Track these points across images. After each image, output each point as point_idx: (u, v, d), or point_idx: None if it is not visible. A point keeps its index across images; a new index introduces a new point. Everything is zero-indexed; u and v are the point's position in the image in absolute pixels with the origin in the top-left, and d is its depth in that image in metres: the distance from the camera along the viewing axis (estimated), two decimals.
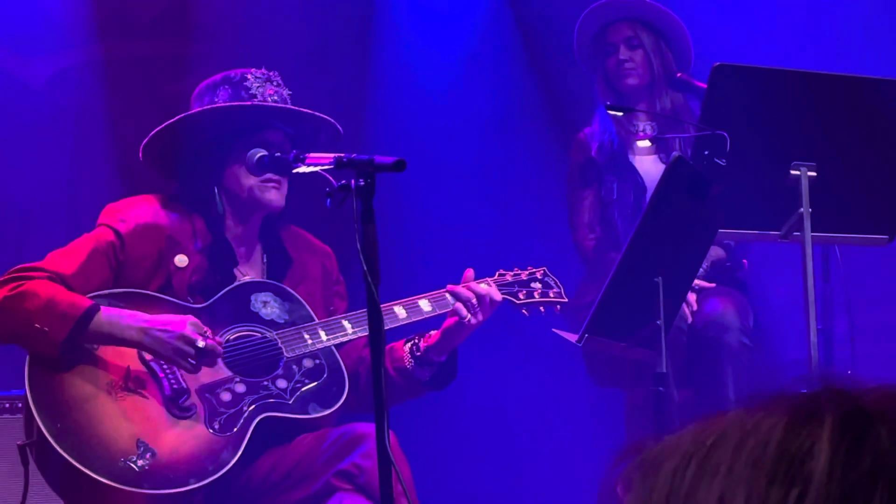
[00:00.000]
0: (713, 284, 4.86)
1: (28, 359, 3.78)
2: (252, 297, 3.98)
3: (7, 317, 3.75)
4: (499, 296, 4.04)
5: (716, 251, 4.88)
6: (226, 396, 3.86)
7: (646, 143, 5.05)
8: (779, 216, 3.90)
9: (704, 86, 4.13)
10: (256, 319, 3.95)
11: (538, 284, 4.23)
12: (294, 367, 3.93)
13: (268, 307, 3.98)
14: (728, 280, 4.95)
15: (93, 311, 3.74)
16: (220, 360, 3.86)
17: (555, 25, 5.84)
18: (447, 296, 4.00)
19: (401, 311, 3.99)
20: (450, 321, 3.98)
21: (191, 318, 3.81)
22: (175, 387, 3.82)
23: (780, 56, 5.36)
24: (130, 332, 3.77)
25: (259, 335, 3.95)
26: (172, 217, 3.99)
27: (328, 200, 3.34)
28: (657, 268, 3.72)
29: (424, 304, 4.02)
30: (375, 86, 5.93)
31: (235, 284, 3.99)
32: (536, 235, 5.65)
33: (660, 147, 5.05)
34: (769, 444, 0.89)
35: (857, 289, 4.87)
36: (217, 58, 4.30)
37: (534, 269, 4.25)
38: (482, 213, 5.90)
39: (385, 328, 3.68)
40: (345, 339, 3.98)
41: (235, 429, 3.82)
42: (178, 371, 3.83)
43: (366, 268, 3.23)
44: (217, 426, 3.81)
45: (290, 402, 3.88)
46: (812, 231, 3.85)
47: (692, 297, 4.75)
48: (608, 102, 4.77)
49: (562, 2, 5.76)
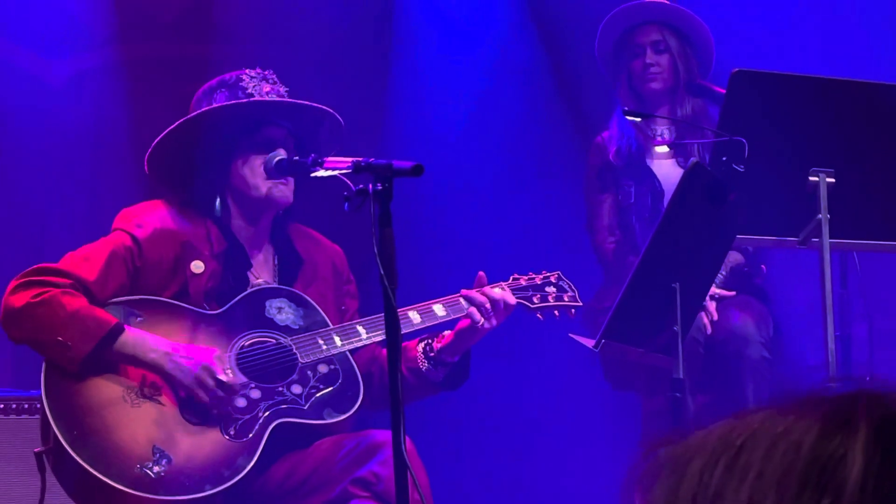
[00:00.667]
0: (733, 293, 4.84)
1: (44, 365, 3.77)
2: (267, 304, 3.98)
3: (29, 323, 3.74)
4: (513, 300, 4.04)
5: (734, 257, 4.86)
6: (241, 402, 3.85)
7: (664, 149, 5.03)
8: (797, 222, 3.89)
9: (723, 91, 4.12)
10: (271, 325, 3.95)
11: (552, 288, 4.21)
12: (309, 373, 3.92)
13: (282, 313, 3.98)
14: (746, 286, 4.92)
15: (118, 331, 3.74)
16: (236, 366, 3.86)
17: (574, 30, 5.82)
18: (461, 300, 4.00)
19: (415, 316, 3.99)
20: (463, 323, 3.98)
21: (216, 352, 3.82)
22: (189, 396, 3.82)
23: (799, 62, 5.34)
24: (153, 356, 3.77)
25: (274, 341, 3.94)
26: (187, 222, 3.99)
27: (346, 204, 3.33)
28: (675, 273, 3.71)
29: (439, 309, 4.01)
30: (394, 90, 5.92)
31: (250, 291, 3.99)
32: (551, 240, 5.64)
33: (678, 152, 5.03)
34: (801, 450, 0.87)
35: (875, 295, 4.86)
36: (237, 60, 4.29)
37: (548, 274, 4.24)
38: (497, 218, 5.90)
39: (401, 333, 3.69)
40: (359, 345, 3.97)
41: (251, 435, 3.82)
42: None
43: (383, 271, 3.23)
44: (232, 432, 3.81)
45: (306, 408, 3.88)
46: (830, 237, 3.83)
47: (712, 306, 4.73)
48: (626, 108, 4.75)
49: (582, 7, 5.75)
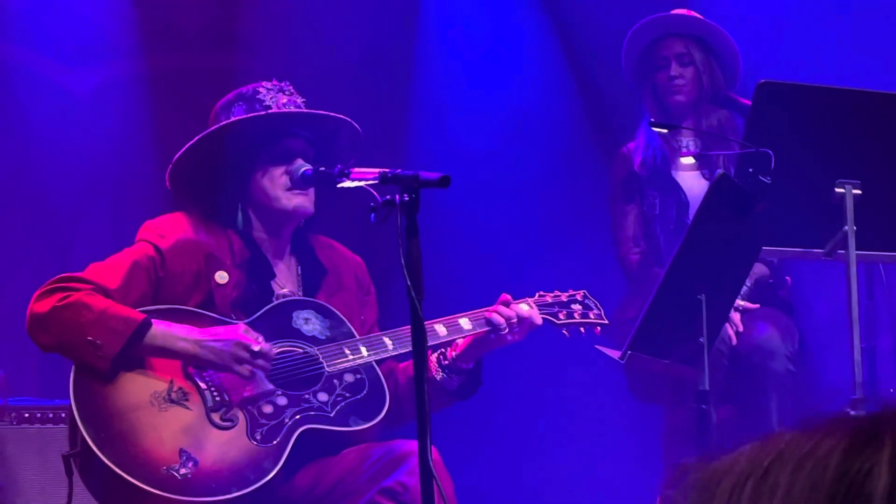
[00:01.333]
0: (758, 306, 4.83)
1: (74, 369, 3.79)
2: (294, 314, 3.99)
3: (57, 327, 3.75)
4: (539, 320, 4.06)
5: (759, 268, 4.85)
6: (267, 408, 3.87)
7: (689, 160, 5.03)
8: (823, 234, 3.88)
9: (748, 103, 4.12)
10: (298, 335, 3.97)
11: (578, 306, 4.22)
12: (335, 382, 3.94)
13: (309, 324, 3.99)
14: (771, 299, 4.91)
15: (146, 326, 3.76)
16: (262, 374, 3.88)
17: (599, 42, 5.83)
18: (488, 315, 4.00)
19: (441, 329, 4.00)
20: (480, 331, 3.99)
21: (242, 326, 3.84)
22: (217, 398, 3.84)
23: (825, 73, 5.33)
24: (183, 345, 3.79)
25: (301, 350, 3.96)
26: (210, 233, 4.01)
27: (372, 215, 3.34)
28: (701, 285, 3.71)
29: (465, 323, 4.02)
30: (417, 102, 5.93)
31: (277, 302, 4.00)
32: (576, 251, 5.64)
33: (703, 163, 5.02)
34: (828, 467, 0.88)
35: None
36: (260, 71, 4.31)
37: (574, 292, 4.25)
38: (521, 229, 5.90)
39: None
40: (385, 356, 3.99)
41: (277, 440, 3.83)
42: (221, 383, 3.85)
43: (409, 283, 3.24)
44: (259, 437, 3.83)
45: (332, 415, 3.89)
46: (856, 249, 3.82)
47: (737, 318, 4.72)
48: (652, 119, 4.75)
49: (607, 19, 5.75)
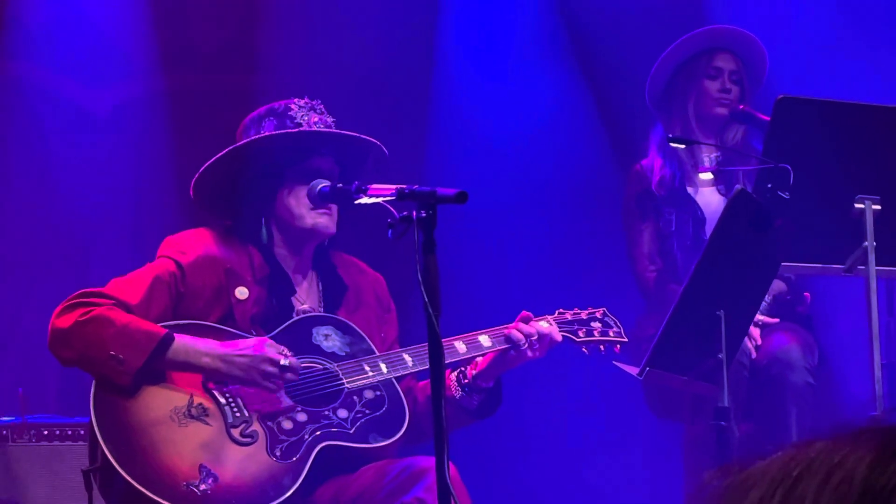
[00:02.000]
0: (777, 320, 4.82)
1: (94, 384, 3.80)
2: (314, 331, 3.99)
3: (79, 342, 3.76)
4: (559, 336, 4.06)
5: (777, 285, 4.84)
6: (287, 425, 3.87)
7: (708, 176, 5.02)
8: (843, 250, 3.87)
9: (767, 118, 4.11)
10: (318, 352, 3.97)
11: (598, 324, 4.23)
12: (355, 398, 3.94)
13: (329, 340, 3.99)
14: (789, 314, 4.90)
15: (168, 340, 3.77)
16: (282, 390, 3.88)
17: (617, 61, 5.83)
18: (507, 332, 4.00)
19: (461, 346, 3.99)
20: (500, 348, 3.98)
21: (267, 340, 3.85)
22: (237, 414, 3.85)
23: (845, 88, 5.32)
24: (207, 360, 3.80)
25: (321, 367, 3.96)
26: (230, 249, 4.01)
27: (389, 231, 3.34)
28: (719, 301, 3.70)
29: (485, 340, 4.01)
30: (436, 119, 5.94)
31: (296, 318, 4.00)
32: (596, 270, 5.64)
33: (719, 179, 5.02)
34: (854, 480, 0.88)
35: None
36: (279, 89, 4.32)
37: (593, 310, 4.25)
38: (542, 247, 5.89)
39: (445, 362, 3.69)
40: (405, 373, 3.98)
41: (296, 456, 3.83)
42: (240, 399, 3.85)
43: (427, 299, 3.24)
44: (278, 453, 3.83)
45: (351, 432, 3.89)
46: (877, 265, 3.81)
47: (756, 332, 4.70)
48: (671, 135, 4.74)
49: (624, 34, 5.76)
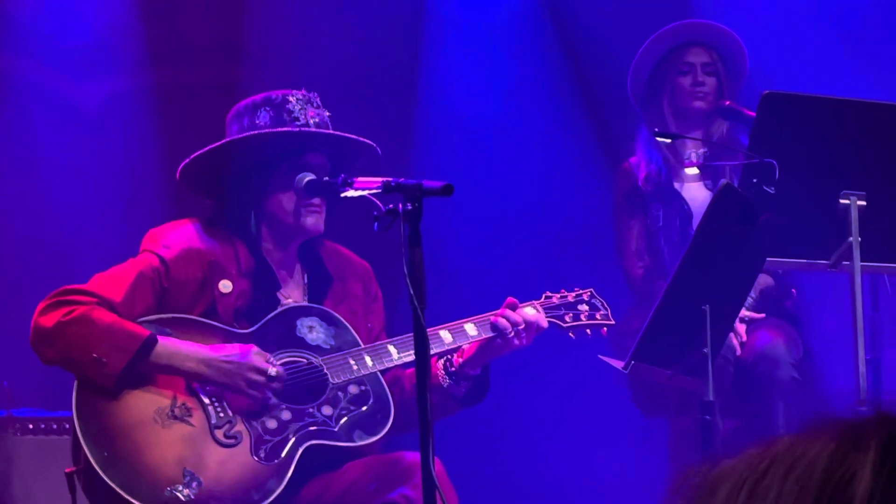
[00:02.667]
0: (762, 315, 4.83)
1: (76, 384, 3.77)
2: (298, 322, 3.98)
3: (62, 342, 3.74)
4: (545, 323, 4.04)
5: (764, 279, 4.85)
6: (271, 424, 3.85)
7: (693, 171, 5.03)
8: (828, 245, 3.88)
9: (752, 114, 4.12)
10: (302, 345, 3.95)
11: (585, 307, 4.20)
12: (340, 394, 3.92)
13: (313, 332, 3.97)
14: (776, 309, 4.91)
15: (151, 343, 3.75)
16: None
17: (603, 53, 5.84)
18: (493, 320, 3.99)
19: (447, 336, 3.98)
20: (486, 336, 3.98)
21: (253, 348, 3.82)
22: (221, 414, 3.83)
23: (831, 84, 5.33)
24: (190, 365, 3.78)
25: (305, 361, 3.94)
26: (215, 242, 3.99)
27: (375, 224, 3.35)
28: (704, 295, 3.70)
29: (470, 329, 4.00)
30: (422, 111, 5.94)
31: (281, 309, 3.98)
32: (582, 258, 5.64)
33: (706, 174, 5.03)
34: (815, 471, 0.90)
35: None
36: (266, 83, 4.32)
37: (580, 291, 4.23)
38: (526, 238, 5.90)
39: (431, 352, 3.69)
40: (391, 366, 3.97)
41: (281, 457, 3.81)
42: (224, 399, 3.84)
43: (412, 291, 3.24)
44: (263, 454, 3.81)
45: (336, 430, 3.87)
46: (861, 260, 3.82)
47: (741, 328, 4.72)
48: (656, 129, 4.75)
49: (611, 30, 5.77)
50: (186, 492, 3.70)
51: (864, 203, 3.84)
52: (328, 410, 3.89)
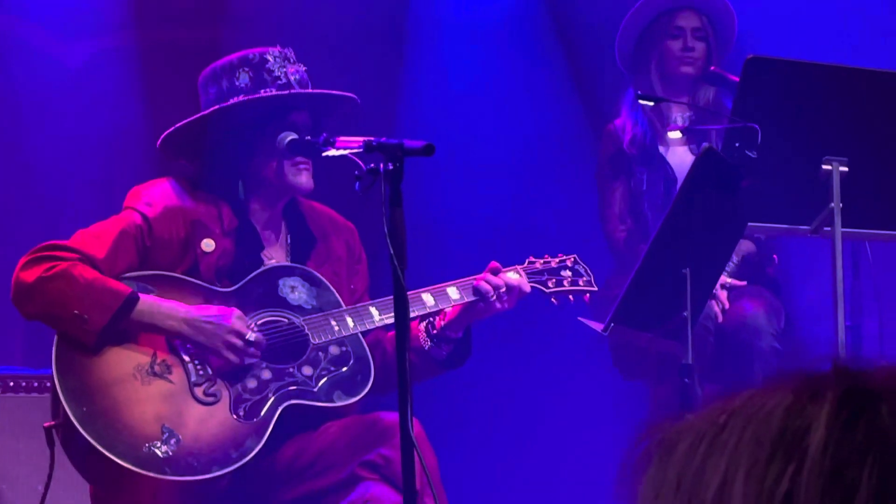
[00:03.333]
0: (744, 283, 4.84)
1: (56, 340, 3.77)
2: (280, 282, 3.97)
3: (43, 297, 3.74)
4: (528, 287, 4.03)
5: (746, 245, 4.86)
6: (251, 383, 3.86)
7: (676, 134, 5.02)
8: (809, 211, 3.88)
9: (737, 79, 4.12)
10: (284, 304, 3.95)
11: (568, 272, 4.20)
12: (320, 354, 3.92)
13: (295, 292, 3.97)
14: (758, 276, 4.92)
15: (133, 300, 3.75)
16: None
17: (588, 15, 5.82)
18: (476, 284, 3.99)
19: (429, 299, 3.98)
20: (468, 300, 3.97)
21: (235, 311, 3.82)
22: (201, 372, 3.83)
23: (815, 49, 5.33)
24: (171, 322, 3.78)
25: (286, 321, 3.94)
26: (198, 201, 3.98)
27: (357, 184, 3.35)
28: (685, 259, 3.71)
29: (453, 292, 4.00)
30: (408, 72, 5.93)
31: (263, 269, 3.98)
32: (565, 223, 5.64)
33: (691, 139, 5.02)
34: (772, 421, 0.91)
35: (888, 286, 4.84)
36: (250, 43, 4.30)
37: (564, 257, 4.23)
38: (511, 201, 5.90)
39: (413, 315, 3.69)
40: (372, 327, 3.96)
41: (260, 416, 3.82)
42: (205, 358, 3.84)
43: (393, 252, 3.24)
44: (242, 413, 3.81)
45: (316, 390, 3.88)
46: (843, 227, 3.83)
47: (723, 296, 4.72)
48: (639, 92, 4.74)
49: None
50: (165, 448, 3.70)
51: (846, 169, 3.85)
52: (308, 370, 3.89)
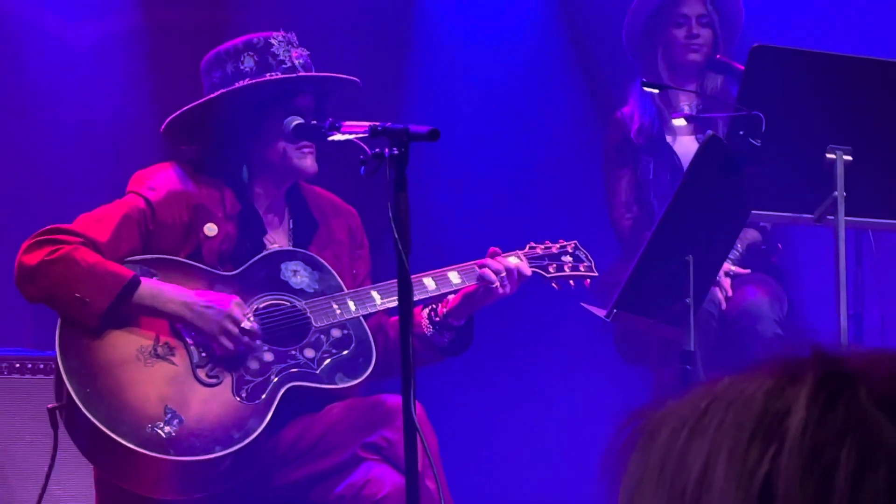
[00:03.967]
0: (748, 270, 4.84)
1: (59, 322, 3.79)
2: (282, 266, 3.99)
3: (45, 280, 3.76)
4: (528, 270, 4.04)
5: (751, 234, 4.87)
6: (254, 365, 3.87)
7: (681, 122, 5.02)
8: (813, 199, 3.89)
9: (742, 68, 4.12)
10: (286, 288, 3.96)
11: (569, 258, 4.21)
12: (322, 337, 3.94)
13: (298, 276, 3.99)
14: (763, 264, 4.93)
15: (134, 284, 3.77)
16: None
17: (599, 4, 5.82)
18: (477, 269, 4.00)
19: (430, 283, 3.99)
20: (471, 286, 3.98)
21: (235, 298, 3.84)
22: (203, 354, 3.85)
23: (821, 38, 5.32)
24: (172, 306, 3.80)
25: (288, 304, 3.95)
26: (201, 185, 3.99)
27: (362, 168, 3.36)
28: (688, 246, 3.72)
29: (454, 276, 4.01)
30: (413, 57, 5.93)
31: (266, 253, 3.99)
32: (568, 209, 5.64)
33: (698, 127, 5.02)
34: (753, 405, 0.92)
35: (890, 275, 4.84)
36: (256, 26, 4.30)
37: (565, 243, 4.23)
38: (514, 187, 5.90)
39: (414, 298, 3.70)
40: (374, 311, 3.98)
41: (262, 397, 3.83)
42: (207, 338, 3.85)
43: (397, 236, 3.25)
44: (244, 394, 3.83)
45: (318, 372, 3.89)
46: (846, 215, 3.83)
47: (727, 283, 4.73)
48: (644, 80, 4.74)
49: None
50: (168, 429, 3.72)
51: (851, 158, 3.85)
52: (310, 353, 3.91)
